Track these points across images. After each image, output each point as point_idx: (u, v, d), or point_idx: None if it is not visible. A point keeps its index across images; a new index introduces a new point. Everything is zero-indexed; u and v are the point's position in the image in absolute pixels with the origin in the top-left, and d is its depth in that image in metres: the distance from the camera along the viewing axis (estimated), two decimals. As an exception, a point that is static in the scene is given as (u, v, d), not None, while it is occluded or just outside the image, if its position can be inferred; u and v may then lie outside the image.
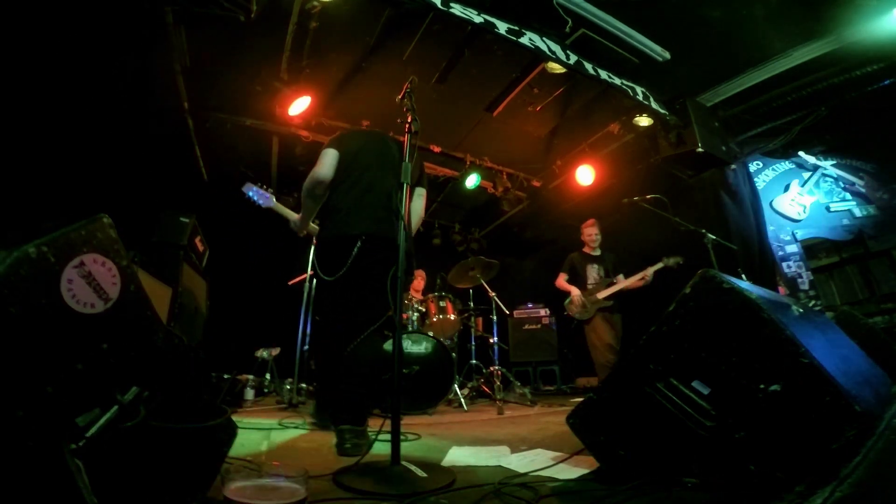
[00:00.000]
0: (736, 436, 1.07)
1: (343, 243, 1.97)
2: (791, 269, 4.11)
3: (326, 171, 2.12)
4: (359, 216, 2.02)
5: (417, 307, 3.94)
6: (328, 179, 2.12)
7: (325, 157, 2.16)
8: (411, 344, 3.23)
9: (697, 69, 3.67)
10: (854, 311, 1.90)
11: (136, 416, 0.81)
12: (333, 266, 1.95)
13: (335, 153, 2.17)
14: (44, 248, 0.73)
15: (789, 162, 4.45)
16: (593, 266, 4.24)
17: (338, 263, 1.94)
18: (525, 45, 3.01)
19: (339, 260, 1.95)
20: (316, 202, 2.19)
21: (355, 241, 1.95)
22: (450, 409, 3.46)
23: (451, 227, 6.68)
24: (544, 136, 4.68)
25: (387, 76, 3.58)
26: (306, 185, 2.14)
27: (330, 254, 2.01)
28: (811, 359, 0.98)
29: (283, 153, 4.61)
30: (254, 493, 0.79)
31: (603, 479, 1.27)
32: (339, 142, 2.26)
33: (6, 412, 0.65)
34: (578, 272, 4.27)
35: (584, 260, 4.31)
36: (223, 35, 3.08)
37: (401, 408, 1.40)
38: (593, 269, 4.23)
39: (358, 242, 1.94)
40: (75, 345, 0.77)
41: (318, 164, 2.14)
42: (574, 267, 4.30)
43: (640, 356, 1.24)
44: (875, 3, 3.00)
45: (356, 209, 2.04)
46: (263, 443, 1.87)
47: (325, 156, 2.16)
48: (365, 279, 1.93)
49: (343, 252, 1.95)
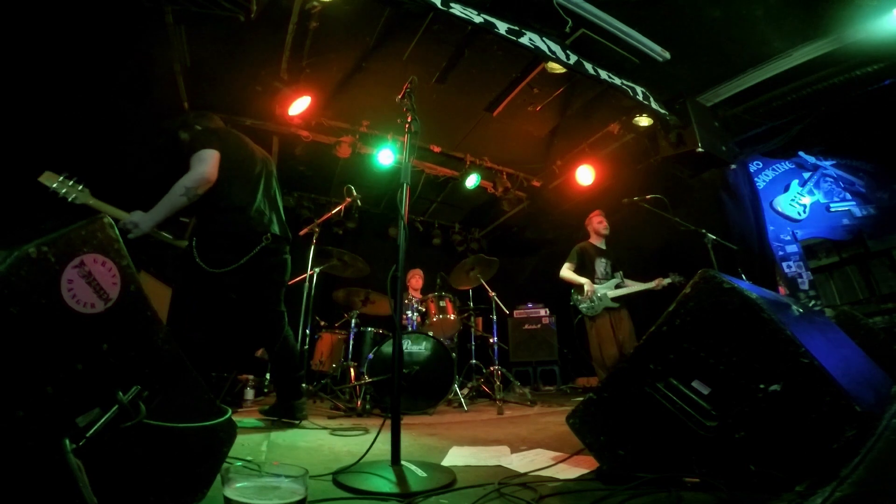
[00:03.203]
0: (736, 436, 1.07)
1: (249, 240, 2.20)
2: (791, 269, 4.11)
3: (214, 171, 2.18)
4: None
5: (417, 307, 3.95)
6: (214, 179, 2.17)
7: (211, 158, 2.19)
8: (411, 344, 3.23)
9: (697, 69, 3.68)
10: (854, 311, 1.90)
11: (136, 416, 0.81)
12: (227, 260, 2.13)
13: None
14: (44, 248, 0.73)
15: (789, 162, 4.45)
16: (601, 260, 4.07)
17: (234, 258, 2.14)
18: (525, 45, 3.01)
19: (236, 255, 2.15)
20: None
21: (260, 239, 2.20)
22: (450, 409, 3.46)
23: (451, 227, 6.69)
24: (544, 136, 4.68)
25: (387, 76, 3.58)
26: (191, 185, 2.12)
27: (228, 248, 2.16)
28: (811, 359, 0.98)
29: (283, 153, 4.61)
30: (254, 493, 0.79)
31: (603, 479, 1.27)
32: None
33: (6, 412, 0.65)
34: (587, 264, 4.06)
35: (595, 252, 4.12)
36: (223, 35, 3.08)
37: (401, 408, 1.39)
38: (601, 262, 4.07)
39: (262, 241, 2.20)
40: (75, 345, 0.77)
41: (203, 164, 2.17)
42: (583, 258, 4.08)
43: (640, 356, 1.24)
44: (875, 3, 3.00)
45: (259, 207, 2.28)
46: (263, 443, 1.87)
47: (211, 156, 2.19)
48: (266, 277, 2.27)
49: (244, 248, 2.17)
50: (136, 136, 3.56)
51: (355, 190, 3.70)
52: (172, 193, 2.08)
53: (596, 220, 4.22)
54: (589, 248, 4.14)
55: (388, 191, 5.58)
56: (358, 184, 3.86)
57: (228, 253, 2.13)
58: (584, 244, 4.19)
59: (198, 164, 2.13)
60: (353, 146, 4.41)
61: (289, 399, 2.33)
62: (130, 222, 2.06)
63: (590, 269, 4.02)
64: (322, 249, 3.91)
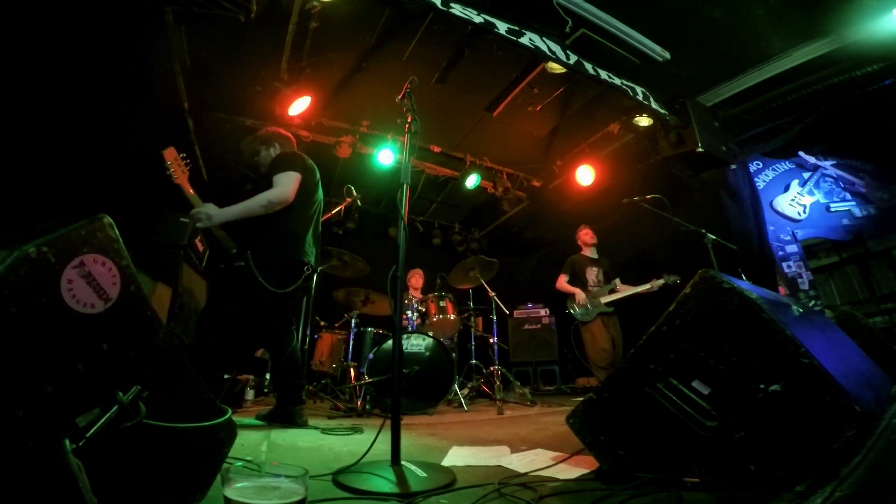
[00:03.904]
0: (736, 436, 1.07)
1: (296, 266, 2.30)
2: (791, 269, 4.11)
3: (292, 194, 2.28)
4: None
5: (417, 307, 3.94)
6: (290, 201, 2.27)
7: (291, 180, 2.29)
8: (411, 344, 3.23)
9: (697, 69, 3.67)
10: (854, 311, 1.90)
11: (136, 416, 0.81)
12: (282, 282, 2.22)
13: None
14: (44, 248, 0.73)
15: (789, 162, 4.44)
16: (592, 268, 4.44)
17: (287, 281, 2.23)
18: (525, 45, 3.01)
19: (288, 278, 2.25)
20: None
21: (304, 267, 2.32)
22: (450, 409, 3.46)
23: (451, 227, 6.68)
24: (544, 136, 4.68)
25: (387, 76, 3.58)
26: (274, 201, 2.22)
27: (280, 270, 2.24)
28: (811, 359, 0.98)
29: (283, 153, 4.61)
30: (254, 493, 0.79)
31: (603, 479, 1.27)
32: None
33: (6, 412, 0.65)
34: (579, 274, 4.43)
35: (585, 262, 4.49)
36: (223, 35, 3.08)
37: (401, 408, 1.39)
38: (592, 271, 4.43)
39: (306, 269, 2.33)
40: (75, 345, 0.77)
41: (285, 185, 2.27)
42: (575, 269, 4.46)
43: (641, 356, 1.24)
44: (875, 3, 3.00)
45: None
46: (263, 443, 1.87)
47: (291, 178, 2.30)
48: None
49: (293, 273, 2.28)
50: (136, 136, 3.56)
51: (355, 190, 3.70)
52: (254, 202, 2.17)
53: (582, 232, 4.62)
54: (579, 258, 4.54)
55: (388, 191, 5.57)
56: (358, 184, 3.86)
57: (283, 276, 2.22)
58: (575, 255, 4.59)
59: (283, 183, 2.23)
60: (353, 146, 4.41)
61: (288, 405, 2.35)
62: (205, 213, 2.12)
63: (581, 278, 4.41)
64: (322, 249, 3.91)
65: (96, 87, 3.16)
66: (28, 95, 2.89)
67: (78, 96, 3.11)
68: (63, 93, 3.05)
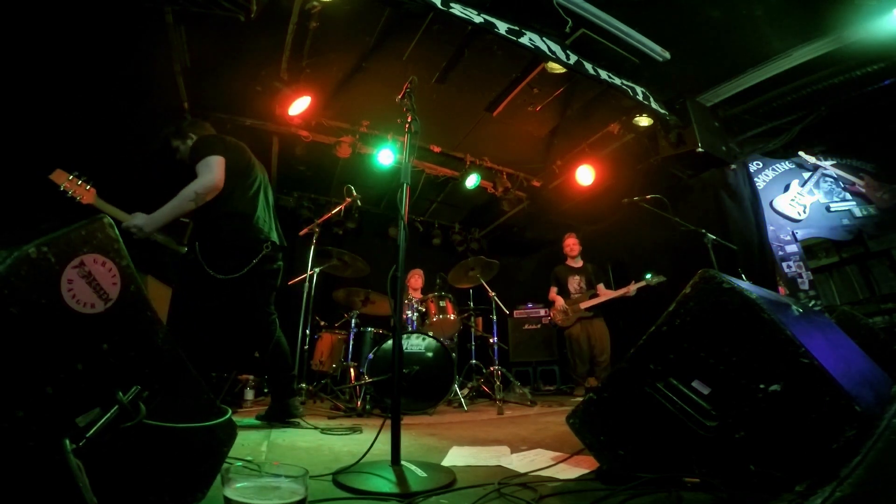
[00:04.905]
0: (736, 436, 1.07)
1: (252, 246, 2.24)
2: (791, 269, 4.10)
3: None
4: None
5: (417, 307, 3.94)
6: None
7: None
8: (411, 344, 3.23)
9: (697, 69, 3.67)
10: (854, 311, 1.90)
11: (136, 416, 0.81)
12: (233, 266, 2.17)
13: None
14: (44, 249, 0.73)
15: (789, 162, 4.44)
16: (574, 277, 4.71)
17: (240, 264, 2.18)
18: (525, 45, 3.01)
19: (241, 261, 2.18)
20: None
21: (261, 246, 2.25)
22: (450, 409, 3.46)
23: (451, 227, 6.68)
24: (544, 136, 4.67)
25: (387, 76, 3.58)
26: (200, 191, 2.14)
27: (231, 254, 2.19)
28: (811, 359, 0.98)
29: (283, 153, 4.61)
30: (254, 493, 0.79)
31: (603, 479, 1.27)
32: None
33: (6, 412, 0.66)
34: (562, 284, 4.72)
35: (566, 271, 4.76)
36: (223, 35, 3.07)
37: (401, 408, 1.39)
38: (575, 279, 4.69)
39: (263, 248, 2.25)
40: (75, 345, 0.77)
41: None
42: (558, 279, 4.76)
43: (641, 356, 1.24)
44: (875, 3, 3.00)
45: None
46: (263, 443, 1.87)
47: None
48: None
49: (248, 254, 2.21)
50: (136, 136, 3.56)
51: (355, 190, 3.71)
52: (181, 198, 2.10)
53: (565, 242, 4.83)
54: (562, 269, 4.82)
55: (388, 191, 5.57)
56: (358, 184, 3.87)
57: (234, 260, 2.17)
58: (558, 267, 4.86)
59: (206, 170, 2.16)
60: (353, 146, 4.41)
61: (283, 398, 2.34)
62: (135, 225, 2.07)
63: (564, 288, 4.70)
64: (322, 249, 3.92)
65: (96, 87, 3.16)
66: (28, 95, 2.89)
67: (78, 96, 3.11)
68: (63, 93, 3.05)
